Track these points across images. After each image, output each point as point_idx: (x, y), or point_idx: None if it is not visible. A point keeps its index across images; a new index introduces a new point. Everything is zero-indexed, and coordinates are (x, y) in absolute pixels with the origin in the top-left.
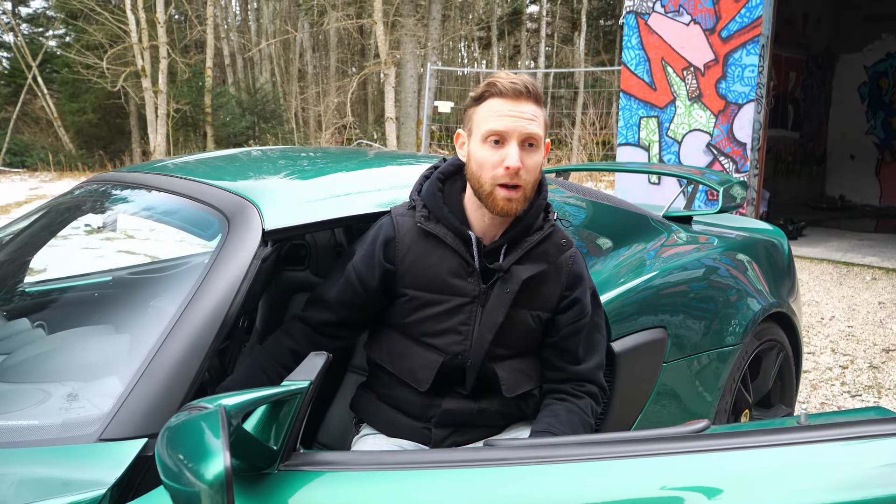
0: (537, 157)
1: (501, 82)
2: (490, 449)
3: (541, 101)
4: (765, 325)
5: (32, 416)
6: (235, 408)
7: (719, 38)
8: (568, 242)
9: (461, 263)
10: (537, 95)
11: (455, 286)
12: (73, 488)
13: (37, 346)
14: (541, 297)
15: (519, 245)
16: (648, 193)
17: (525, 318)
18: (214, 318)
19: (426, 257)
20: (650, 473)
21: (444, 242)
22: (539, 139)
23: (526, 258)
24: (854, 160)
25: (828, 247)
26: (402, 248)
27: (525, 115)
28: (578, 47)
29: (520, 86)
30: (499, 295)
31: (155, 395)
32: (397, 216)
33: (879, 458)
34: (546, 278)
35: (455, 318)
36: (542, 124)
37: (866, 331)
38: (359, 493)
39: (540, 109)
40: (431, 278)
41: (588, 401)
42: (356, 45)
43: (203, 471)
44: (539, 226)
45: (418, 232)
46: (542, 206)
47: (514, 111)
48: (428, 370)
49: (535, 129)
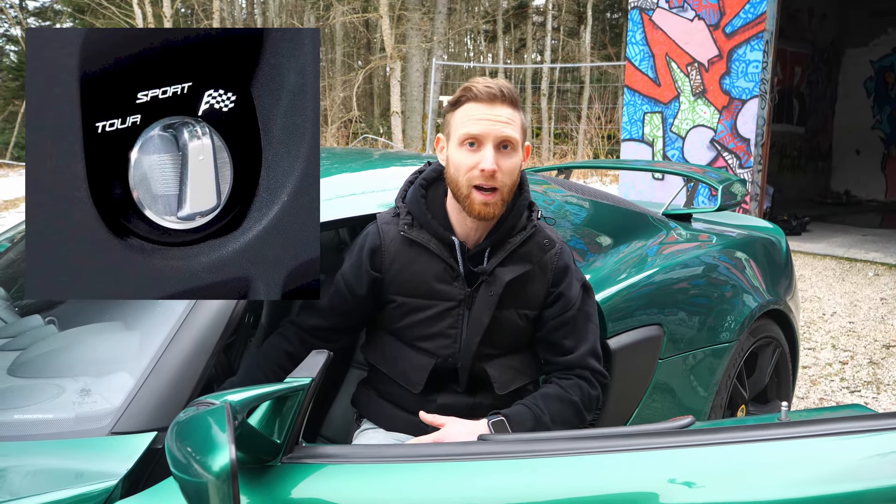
0: (514, 159)
1: (477, 87)
2: (483, 443)
3: (517, 105)
4: (761, 322)
5: (47, 411)
6: (241, 404)
7: (723, 34)
8: (551, 242)
9: (446, 268)
10: (513, 99)
11: (441, 291)
12: (86, 479)
13: (49, 342)
14: (526, 296)
15: (502, 247)
16: (652, 189)
17: (512, 318)
18: (221, 316)
19: (412, 264)
20: (635, 467)
21: (428, 249)
22: (515, 142)
23: (509, 260)
24: (860, 155)
25: (831, 242)
26: (389, 257)
27: (500, 118)
28: (584, 41)
29: (495, 90)
30: (484, 298)
31: (164, 391)
32: (382, 224)
33: (857, 454)
34: (531, 278)
35: (443, 322)
36: (518, 128)
37: (867, 327)
38: (358, 485)
39: (516, 113)
40: (418, 284)
41: (574, 381)
42: (362, 39)
43: (210, 463)
44: (522, 226)
45: (403, 240)
46: (525, 206)
47: (490, 115)
48: (420, 373)
49: (510, 133)
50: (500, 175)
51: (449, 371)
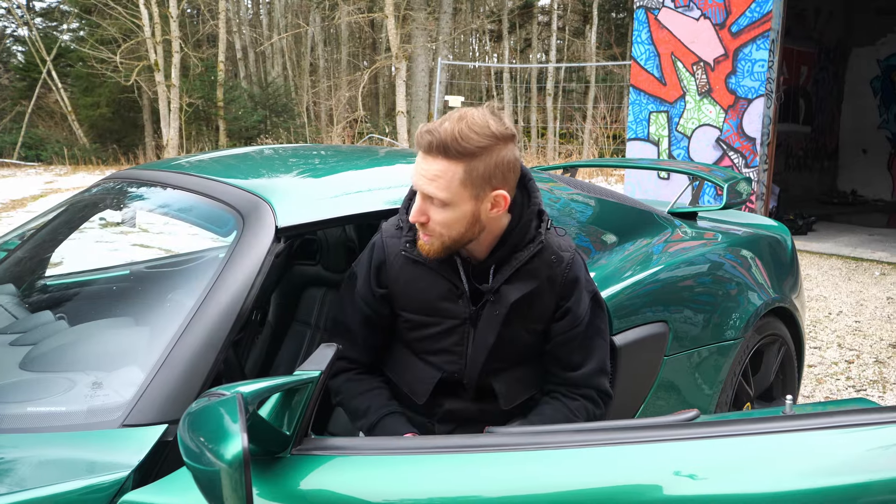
0: (445, 214)
1: (419, 133)
2: (490, 435)
3: (456, 157)
4: (766, 320)
5: (60, 404)
6: (251, 395)
7: (729, 33)
8: (559, 258)
9: (450, 287)
10: (447, 150)
11: (445, 309)
12: (98, 470)
13: (61, 337)
14: (533, 313)
15: (508, 263)
16: (658, 188)
17: (519, 335)
18: (230, 311)
19: (415, 282)
20: (641, 459)
21: (431, 267)
22: (440, 200)
23: (516, 277)
24: (866, 154)
25: (837, 242)
26: (393, 273)
27: (426, 173)
28: (590, 40)
29: (430, 139)
30: (489, 317)
31: (174, 384)
32: (386, 238)
33: (861, 446)
34: (539, 294)
35: (448, 339)
36: (449, 184)
37: (873, 326)
38: (366, 476)
39: (452, 165)
40: (422, 302)
41: (581, 403)
42: (367, 38)
43: (223, 451)
44: (530, 238)
45: (406, 257)
46: (532, 217)
47: (420, 167)
48: (426, 384)
49: (430, 190)
50: (432, 224)
51: (455, 383)
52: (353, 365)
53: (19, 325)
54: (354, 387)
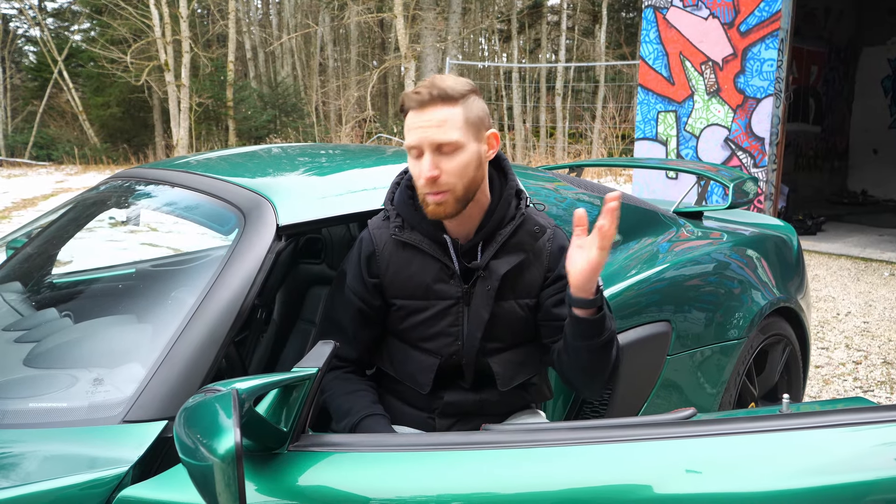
0: (457, 159)
1: (408, 95)
2: (487, 433)
3: (454, 100)
4: (771, 320)
5: (61, 400)
6: (247, 391)
7: (738, 33)
8: (541, 228)
9: (441, 267)
10: (445, 96)
11: (438, 290)
12: (98, 465)
13: (64, 334)
14: (524, 285)
15: (493, 239)
16: (666, 188)
17: (512, 309)
18: (231, 309)
19: (407, 267)
20: (638, 457)
21: (421, 250)
22: (452, 143)
23: (503, 251)
24: (877, 154)
25: (846, 242)
26: (383, 261)
27: (431, 122)
28: (599, 40)
29: (423, 94)
30: (481, 293)
31: (175, 381)
32: (374, 229)
33: (857, 445)
34: (527, 265)
35: (444, 321)
36: (454, 126)
37: (882, 327)
38: (363, 473)
39: (453, 109)
40: (415, 286)
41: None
42: (376, 38)
43: (216, 446)
44: (511, 216)
45: (395, 243)
46: (512, 194)
47: (422, 121)
48: (426, 373)
49: (441, 137)
50: (444, 177)
51: (454, 368)
52: (343, 363)
53: (25, 322)
54: (340, 386)
